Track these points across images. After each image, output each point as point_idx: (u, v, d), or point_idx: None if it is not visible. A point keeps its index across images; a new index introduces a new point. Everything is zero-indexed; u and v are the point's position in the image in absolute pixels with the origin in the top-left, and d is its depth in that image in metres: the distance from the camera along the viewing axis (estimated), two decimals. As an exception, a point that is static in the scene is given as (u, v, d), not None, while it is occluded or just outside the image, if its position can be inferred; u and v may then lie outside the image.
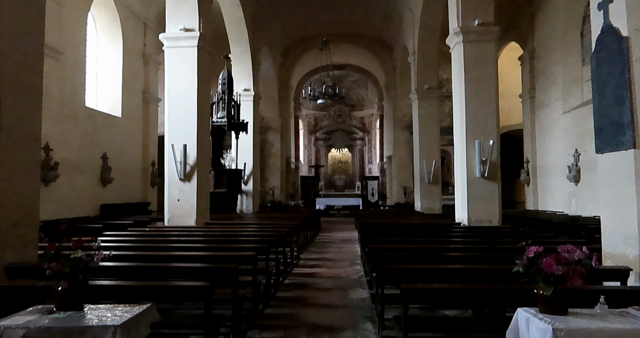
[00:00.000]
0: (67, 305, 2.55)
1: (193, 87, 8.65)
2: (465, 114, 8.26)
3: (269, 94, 19.85)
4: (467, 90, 8.30)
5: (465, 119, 8.26)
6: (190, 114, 8.60)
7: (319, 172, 27.35)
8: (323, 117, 28.21)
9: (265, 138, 20.49)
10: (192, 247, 5.12)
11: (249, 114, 14.42)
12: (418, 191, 13.90)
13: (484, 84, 8.27)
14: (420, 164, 13.64)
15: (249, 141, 14.44)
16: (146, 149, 14.33)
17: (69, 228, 7.61)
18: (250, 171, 14.34)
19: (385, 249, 4.91)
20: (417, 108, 14.01)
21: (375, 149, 27.30)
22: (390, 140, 20.88)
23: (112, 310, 2.54)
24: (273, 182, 20.47)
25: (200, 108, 8.72)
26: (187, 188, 8.49)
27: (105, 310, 2.56)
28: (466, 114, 8.25)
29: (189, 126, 8.57)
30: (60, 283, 2.55)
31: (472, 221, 8.08)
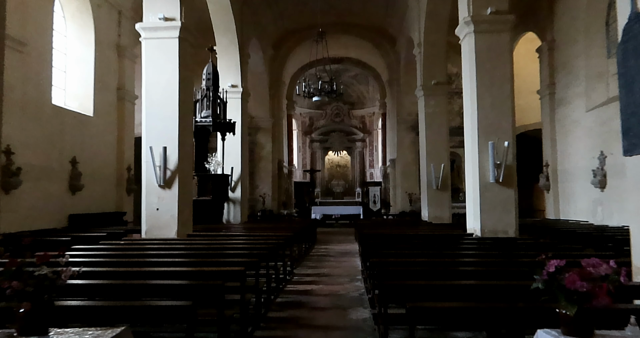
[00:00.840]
0: (30, 329, 2.51)
1: (174, 83, 8.65)
2: (477, 112, 8.29)
3: (258, 91, 19.89)
4: (479, 86, 8.34)
5: (477, 118, 8.29)
6: (171, 113, 8.59)
7: (315, 177, 27.40)
8: (319, 117, 28.28)
9: (255, 140, 20.51)
10: (172, 262, 5.10)
11: (236, 113, 14.42)
12: (425, 198, 13.92)
13: (497, 79, 8.31)
14: (427, 168, 13.67)
15: (237, 143, 14.43)
16: (121, 153, 14.28)
17: (32, 242, 7.55)
18: (238, 177, 14.32)
19: (389, 263, 4.90)
20: (424, 106, 14.06)
21: (377, 151, 27.37)
22: (394, 141, 20.94)
23: (82, 335, 2.51)
24: (263, 189, 20.47)
25: (182, 106, 8.71)
26: (168, 195, 8.46)
27: (73, 334, 2.53)
28: (478, 113, 8.28)
29: (170, 127, 8.56)
30: (22, 304, 2.52)
31: (486, 232, 8.09)
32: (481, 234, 8.10)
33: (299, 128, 27.64)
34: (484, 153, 8.20)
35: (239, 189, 14.30)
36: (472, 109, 8.41)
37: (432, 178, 13.54)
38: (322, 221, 20.91)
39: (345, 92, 24.99)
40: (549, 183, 14.57)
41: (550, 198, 14.63)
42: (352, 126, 27.98)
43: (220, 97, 13.49)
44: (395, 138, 20.69)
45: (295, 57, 21.50)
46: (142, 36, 8.84)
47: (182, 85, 8.75)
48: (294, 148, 26.26)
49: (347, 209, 22.20)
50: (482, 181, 8.19)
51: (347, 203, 24.74)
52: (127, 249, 6.46)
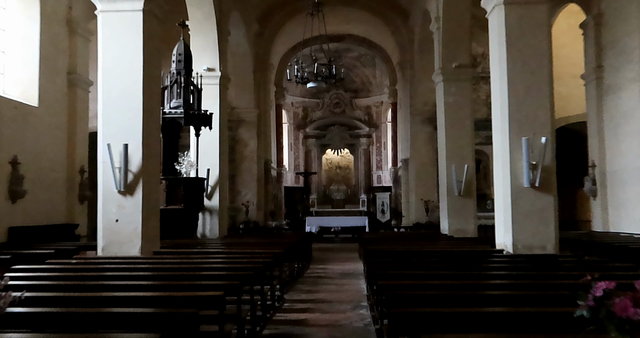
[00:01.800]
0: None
1: (137, 66, 8.65)
2: (508, 102, 8.32)
3: (241, 76, 19.92)
4: (511, 69, 8.37)
5: (508, 109, 8.32)
6: (134, 102, 8.59)
7: (310, 181, 27.45)
8: (315, 107, 28.36)
9: (237, 135, 20.55)
10: (136, 286, 5.10)
11: (214, 103, 14.44)
12: (445, 206, 13.96)
13: (533, 61, 8.35)
14: (448, 170, 13.71)
15: (214, 140, 14.45)
16: (73, 151, 14.26)
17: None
18: (215, 181, 14.33)
19: (401, 286, 4.91)
20: (443, 94, 14.11)
21: (386, 149, 27.46)
22: (407, 137, 21.01)
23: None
24: (247, 195, 20.49)
25: (147, 95, 8.72)
26: (129, 204, 8.46)
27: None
28: (509, 102, 8.32)
29: (132, 120, 8.56)
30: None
31: (519, 248, 8.12)
32: (513, 250, 8.13)
33: (290, 120, 27.69)
34: (516, 151, 8.23)
35: (217, 197, 14.29)
36: (502, 97, 8.45)
37: (453, 182, 13.57)
38: (318, 235, 20.93)
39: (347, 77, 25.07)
40: (596, 188, 14.63)
41: (598, 206, 14.67)
42: (355, 118, 28.05)
43: (194, 84, 13.49)
44: (409, 133, 20.75)
45: (285, 34, 21.52)
46: (98, 8, 8.84)
47: (147, 68, 8.75)
48: (285, 145, 26.32)
49: (349, 220, 22.21)
50: (514, 185, 8.21)
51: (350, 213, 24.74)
52: (80, 270, 6.45)
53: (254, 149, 20.82)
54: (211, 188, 14.27)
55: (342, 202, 27.08)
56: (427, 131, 19.85)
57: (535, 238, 8.15)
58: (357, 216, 23.59)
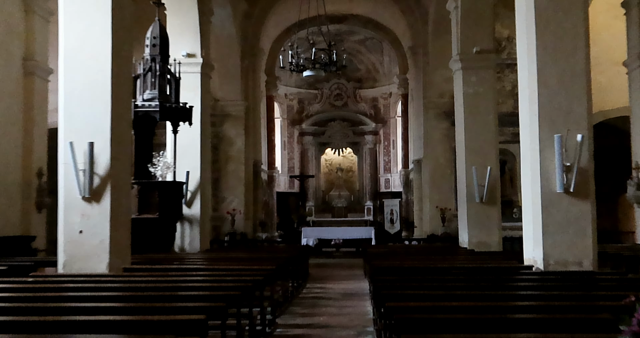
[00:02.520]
0: None
1: (105, 51, 8.64)
2: (538, 93, 8.32)
3: (226, 63, 19.91)
4: (541, 55, 8.37)
5: (537, 102, 8.32)
6: (101, 94, 8.58)
7: (307, 186, 27.50)
8: (312, 99, 28.41)
9: (221, 132, 20.57)
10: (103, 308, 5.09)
11: (194, 95, 14.43)
12: (464, 215, 13.97)
13: (567, 46, 8.35)
14: (468, 172, 13.72)
15: (195, 138, 14.44)
16: (29, 151, 14.21)
17: None
18: (196, 186, 14.32)
19: (413, 309, 4.91)
20: (462, 84, 14.13)
21: (395, 148, 27.52)
22: (420, 134, 21.05)
23: None
24: (233, 202, 20.50)
25: (116, 85, 8.71)
26: (95, 212, 8.44)
27: None
28: (539, 94, 8.32)
29: (99, 114, 8.55)
30: None
31: (551, 264, 8.11)
32: (544, 266, 8.12)
33: (283, 115, 27.73)
34: (547, 150, 8.22)
35: (198, 204, 14.28)
36: (531, 88, 8.44)
37: (474, 187, 13.57)
38: (316, 248, 20.92)
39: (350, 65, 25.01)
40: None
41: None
42: (359, 112, 28.12)
43: (171, 72, 13.49)
44: (422, 130, 20.79)
45: (278, 14, 21.54)
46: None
47: (117, 54, 8.74)
48: (277, 144, 26.37)
49: (352, 231, 22.23)
50: (545, 191, 8.21)
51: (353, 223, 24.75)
52: (37, 289, 6.44)
53: (241, 148, 20.84)
54: (191, 193, 14.25)
55: (344, 210, 27.12)
56: (444, 127, 19.88)
57: (570, 252, 8.14)
58: (361, 227, 23.63)
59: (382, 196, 26.97)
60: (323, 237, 21.83)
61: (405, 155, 24.79)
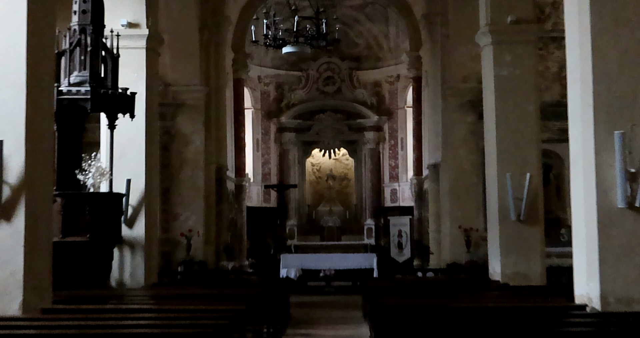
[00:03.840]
0: None
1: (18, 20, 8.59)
2: (593, 76, 8.30)
3: (180, 36, 19.81)
4: (596, 26, 8.38)
5: (592, 88, 8.32)
6: (12, 77, 8.53)
7: (287, 199, 27.38)
8: (295, 84, 28.34)
9: (173, 128, 20.47)
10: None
11: (137, 78, 14.35)
12: (496, 238, 13.96)
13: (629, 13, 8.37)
14: (500, 181, 13.71)
15: (138, 135, 14.36)
16: None
17: None
18: (140, 199, 14.24)
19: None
20: (493, 64, 14.13)
21: (405, 149, 27.54)
22: (438, 131, 21.06)
23: None
24: (189, 221, 20.40)
25: (33, 64, 8.65)
26: (5, 234, 8.36)
27: None
28: (594, 78, 8.30)
29: (10, 103, 8.48)
30: None
31: (611, 302, 8.10)
32: (602, 306, 8.11)
33: (256, 104, 27.67)
34: (605, 152, 8.22)
35: (142, 223, 14.20)
36: (584, 69, 8.44)
37: (508, 201, 13.58)
38: (300, 282, 20.78)
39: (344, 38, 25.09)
40: None
41: None
42: (357, 101, 28.06)
43: (107, 48, 13.41)
44: (440, 124, 20.81)
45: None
46: None
47: (33, 23, 8.69)
48: (248, 143, 26.30)
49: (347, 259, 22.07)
50: (602, 206, 8.20)
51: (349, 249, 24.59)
52: None
53: (200, 148, 20.76)
54: (133, 209, 14.17)
55: (336, 231, 27.01)
56: (469, 121, 19.92)
57: (637, 287, 8.14)
58: (359, 254, 23.50)
59: (387, 212, 26.92)
60: (309, 267, 21.66)
61: (417, 158, 24.80)
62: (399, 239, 24.05)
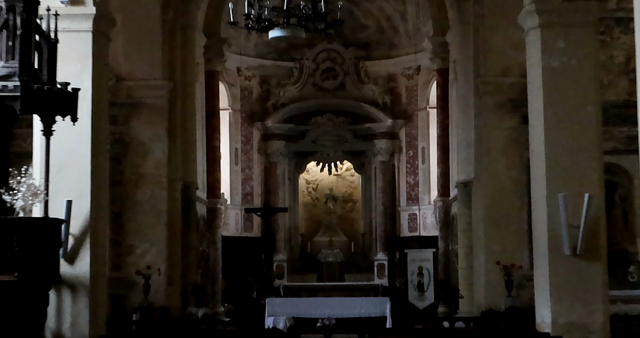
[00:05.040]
0: None
1: None
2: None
3: (136, 15, 19.85)
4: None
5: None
6: None
7: (275, 227, 27.29)
8: (285, 78, 28.36)
9: (128, 134, 20.43)
10: None
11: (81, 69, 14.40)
12: (545, 278, 13.94)
13: None
14: (550, 204, 13.71)
15: (82, 143, 14.35)
16: None
17: None
18: (84, 226, 14.23)
19: None
20: (541, 53, 14.16)
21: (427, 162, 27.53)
22: (469, 138, 21.07)
23: None
24: (147, 254, 20.37)
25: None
26: None
27: None
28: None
29: None
30: None
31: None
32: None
33: (235, 104, 27.67)
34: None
35: (87, 257, 14.18)
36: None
37: (561, 230, 13.60)
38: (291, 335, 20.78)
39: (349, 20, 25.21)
40: None
41: None
42: (365, 99, 28.07)
43: (42, 31, 13.45)
44: (472, 130, 20.83)
45: None
46: None
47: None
48: (224, 154, 26.29)
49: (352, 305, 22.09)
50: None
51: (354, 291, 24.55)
52: None
53: (162, 161, 20.72)
54: (75, 239, 14.16)
55: (338, 269, 26.96)
56: (510, 125, 19.94)
57: None
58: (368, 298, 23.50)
59: (404, 244, 26.89)
60: (302, 315, 21.65)
61: (443, 174, 24.83)
62: (419, 279, 24.01)
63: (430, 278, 23.69)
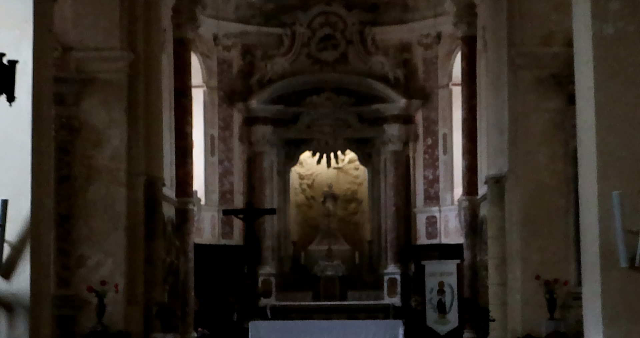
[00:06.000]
0: None
1: None
2: None
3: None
4: None
5: None
6: None
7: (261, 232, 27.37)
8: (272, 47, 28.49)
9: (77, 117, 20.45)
10: None
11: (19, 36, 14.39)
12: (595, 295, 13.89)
13: None
14: (602, 204, 13.69)
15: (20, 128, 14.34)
16: None
17: None
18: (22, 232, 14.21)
19: None
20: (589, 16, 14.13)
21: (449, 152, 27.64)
22: (502, 123, 21.07)
23: None
24: (103, 267, 20.40)
25: None
26: None
27: None
28: None
29: None
30: None
31: None
32: None
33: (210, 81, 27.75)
34: None
35: (26, 271, 14.16)
36: None
37: (617, 236, 13.58)
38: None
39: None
40: None
41: None
42: (372, 74, 28.20)
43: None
44: (506, 113, 20.82)
45: None
46: None
47: None
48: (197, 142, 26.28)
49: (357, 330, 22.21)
50: None
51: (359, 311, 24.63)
52: None
53: (120, 151, 20.74)
54: (11, 248, 14.15)
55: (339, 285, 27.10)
56: (553, 107, 19.97)
57: None
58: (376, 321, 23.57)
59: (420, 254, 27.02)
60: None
61: (469, 167, 24.91)
62: (439, 297, 24.13)
63: (454, 296, 23.75)
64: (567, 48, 16.18)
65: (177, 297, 23.40)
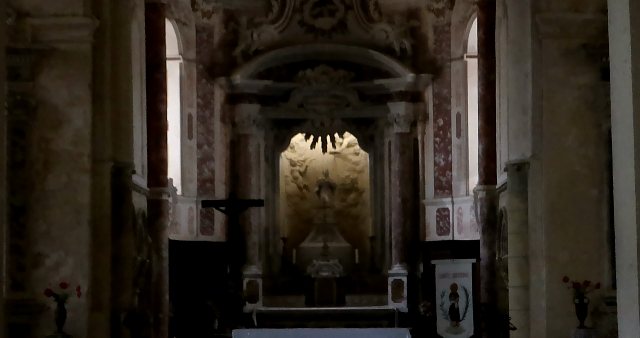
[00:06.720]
0: None
1: None
2: None
3: None
4: None
5: None
6: None
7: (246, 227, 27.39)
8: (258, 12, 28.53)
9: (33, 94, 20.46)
10: None
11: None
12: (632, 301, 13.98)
13: None
14: (638, 196, 13.79)
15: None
16: None
17: None
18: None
19: None
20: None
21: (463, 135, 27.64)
22: (526, 100, 21.11)
23: None
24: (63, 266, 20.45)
25: None
26: None
27: None
28: None
29: None
30: None
31: None
32: None
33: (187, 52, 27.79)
34: None
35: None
36: None
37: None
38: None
39: None
40: None
41: None
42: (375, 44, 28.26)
43: None
44: (529, 90, 20.90)
45: None
46: None
47: None
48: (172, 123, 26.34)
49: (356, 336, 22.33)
50: None
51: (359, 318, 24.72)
52: None
53: (84, 133, 20.75)
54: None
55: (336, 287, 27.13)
56: (583, 82, 20.03)
57: None
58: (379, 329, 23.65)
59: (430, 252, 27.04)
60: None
61: (487, 152, 24.94)
62: (452, 302, 24.17)
63: (469, 301, 23.80)
64: (601, 14, 16.28)
65: (149, 302, 23.46)
